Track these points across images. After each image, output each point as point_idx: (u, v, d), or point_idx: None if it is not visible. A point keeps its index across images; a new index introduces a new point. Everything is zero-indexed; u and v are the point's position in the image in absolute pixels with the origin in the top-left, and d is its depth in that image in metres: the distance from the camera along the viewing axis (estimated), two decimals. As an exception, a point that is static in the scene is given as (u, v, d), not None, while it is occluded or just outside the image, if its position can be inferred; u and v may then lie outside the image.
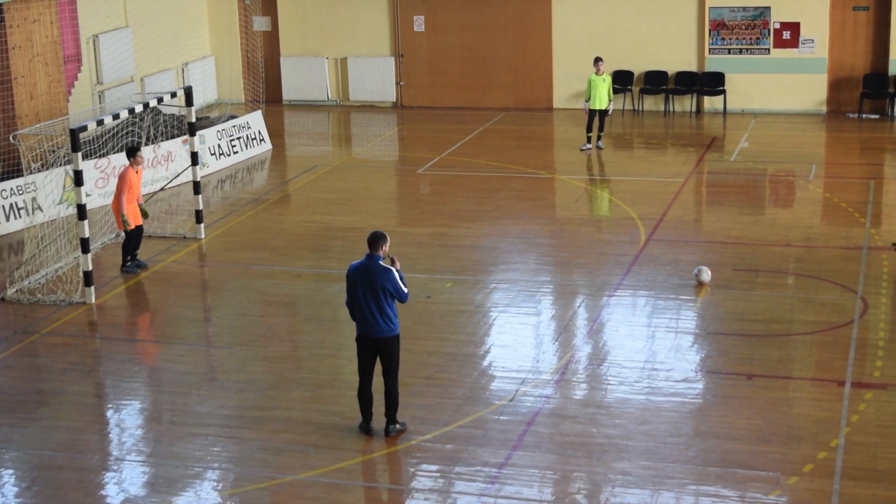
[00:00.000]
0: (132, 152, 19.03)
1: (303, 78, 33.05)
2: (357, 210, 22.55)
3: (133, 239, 19.11)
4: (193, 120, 20.90)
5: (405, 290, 12.87)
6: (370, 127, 30.97)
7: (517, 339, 16.02)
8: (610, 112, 26.83)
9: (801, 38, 30.03)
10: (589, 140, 26.70)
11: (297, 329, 16.87)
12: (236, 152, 26.71)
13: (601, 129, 26.78)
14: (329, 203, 23.15)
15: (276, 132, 29.15)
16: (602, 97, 26.29)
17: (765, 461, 12.38)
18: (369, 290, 12.76)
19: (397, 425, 13.18)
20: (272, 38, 33.30)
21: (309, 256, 19.86)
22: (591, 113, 26.46)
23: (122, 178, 18.85)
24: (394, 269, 12.80)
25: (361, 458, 12.74)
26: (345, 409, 13.84)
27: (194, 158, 20.96)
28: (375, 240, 12.81)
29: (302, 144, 29.38)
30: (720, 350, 15.43)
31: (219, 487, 12.28)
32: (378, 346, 12.95)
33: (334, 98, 33.21)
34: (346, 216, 22.13)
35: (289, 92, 33.29)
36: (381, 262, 12.79)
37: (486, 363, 15.22)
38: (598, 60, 26.42)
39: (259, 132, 27.68)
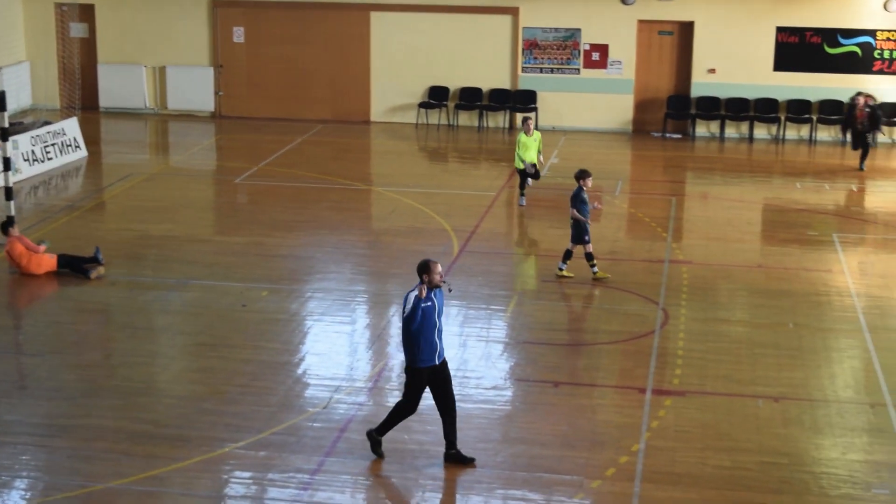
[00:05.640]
0: (5, 228, 19.10)
1: (120, 85, 32.59)
2: (173, 219, 22.40)
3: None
4: (6, 125, 20.47)
5: (405, 313, 12.43)
6: (188, 136, 30.72)
7: (332, 348, 16.17)
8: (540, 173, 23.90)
9: (609, 60, 30.97)
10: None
11: (110, 337, 16.71)
12: (50, 159, 26.23)
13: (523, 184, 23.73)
14: (145, 211, 22.94)
15: (92, 139, 28.66)
16: (532, 157, 23.32)
17: (569, 465, 12.73)
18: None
19: (374, 438, 12.93)
20: (89, 44, 32.76)
21: (123, 264, 19.62)
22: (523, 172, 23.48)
23: (10, 254, 18.93)
24: (411, 296, 12.39)
25: (174, 465, 12.68)
26: (158, 417, 13.80)
27: (6, 164, 20.55)
28: (418, 269, 12.53)
29: (118, 152, 28.96)
30: (529, 358, 15.82)
31: (27, 496, 12.12)
32: None
33: (152, 106, 32.85)
34: (162, 224, 21.96)
35: (106, 99, 32.79)
36: (411, 291, 12.49)
37: (300, 371, 15.34)
38: (526, 120, 23.64)
39: (74, 139, 27.24)
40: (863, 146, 27.16)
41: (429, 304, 12.44)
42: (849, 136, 27.73)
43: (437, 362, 12.63)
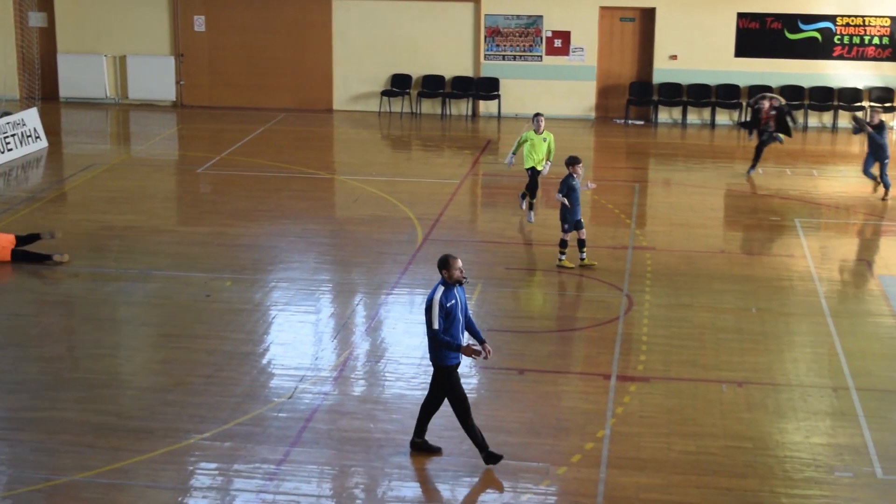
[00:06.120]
0: None
1: (80, 75, 32.41)
2: (136, 209, 22.29)
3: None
4: (-36, 116, 20.38)
5: (434, 324, 12.20)
6: (149, 126, 30.59)
7: (296, 337, 16.15)
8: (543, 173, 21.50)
9: (571, 47, 31.07)
10: (531, 206, 21.56)
11: (73, 329, 16.63)
12: (11, 150, 26.04)
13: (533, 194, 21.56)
14: (107, 202, 22.82)
15: (52, 130, 28.49)
16: (538, 161, 21.25)
17: (535, 452, 12.78)
18: None
19: (485, 452, 12.56)
20: (48, 34, 32.54)
21: (86, 255, 19.52)
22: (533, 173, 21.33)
23: None
24: (437, 300, 12.17)
25: (139, 457, 12.62)
26: (122, 409, 13.74)
27: (-35, 156, 20.45)
28: (438, 264, 12.36)
29: (79, 142, 28.82)
30: (494, 346, 15.55)
31: (-9, 490, 12.09)
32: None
33: (113, 96, 32.67)
34: (125, 215, 21.86)
35: (66, 89, 32.57)
36: (434, 291, 12.30)
37: (265, 361, 15.32)
38: (537, 116, 21.32)
39: (35, 129, 27.05)
40: (757, 150, 25.67)
41: (452, 302, 12.30)
42: (754, 136, 26.02)
43: (461, 359, 12.60)
